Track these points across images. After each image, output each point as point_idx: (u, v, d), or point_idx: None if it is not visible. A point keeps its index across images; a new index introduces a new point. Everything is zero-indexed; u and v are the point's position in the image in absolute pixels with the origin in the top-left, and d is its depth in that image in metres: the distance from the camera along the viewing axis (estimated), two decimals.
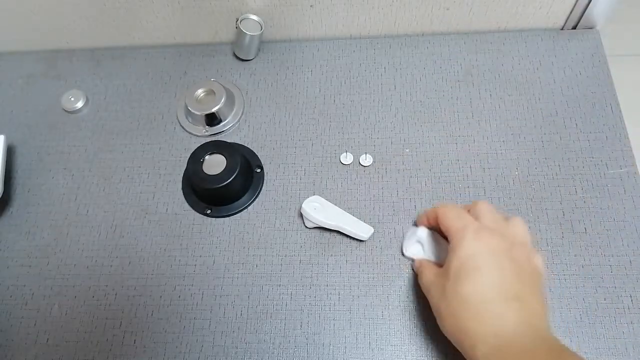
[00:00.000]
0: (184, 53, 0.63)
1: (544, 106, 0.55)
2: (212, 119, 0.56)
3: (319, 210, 0.49)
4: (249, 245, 0.50)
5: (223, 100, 0.55)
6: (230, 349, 0.46)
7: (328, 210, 0.49)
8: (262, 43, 0.62)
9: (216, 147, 0.51)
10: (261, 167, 0.54)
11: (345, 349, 0.45)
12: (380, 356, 0.45)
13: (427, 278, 0.42)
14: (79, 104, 0.60)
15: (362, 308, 0.47)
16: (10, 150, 0.58)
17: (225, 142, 0.51)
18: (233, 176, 0.49)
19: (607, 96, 0.55)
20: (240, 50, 0.60)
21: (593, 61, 0.57)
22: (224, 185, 0.49)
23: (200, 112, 0.55)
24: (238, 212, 0.52)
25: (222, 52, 0.62)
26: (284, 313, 0.47)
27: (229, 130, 0.57)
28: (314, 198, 0.50)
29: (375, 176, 0.53)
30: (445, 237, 0.43)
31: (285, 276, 0.49)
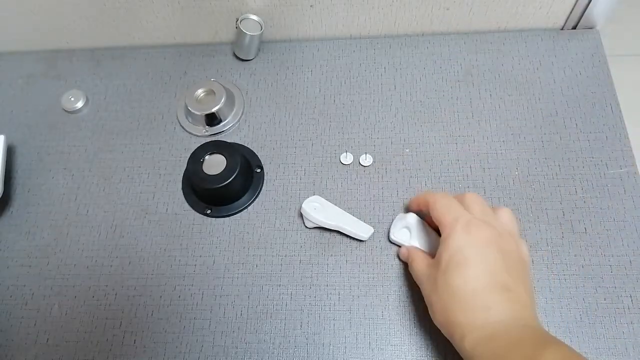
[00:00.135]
0: (184, 53, 0.63)
1: (544, 106, 0.55)
2: (212, 119, 0.56)
3: (319, 210, 0.49)
4: (249, 245, 0.50)
5: (223, 100, 0.55)
6: (230, 349, 0.46)
7: (328, 210, 0.49)
8: (262, 43, 0.62)
9: (216, 147, 0.51)
10: (261, 167, 0.54)
11: (345, 349, 0.45)
12: (380, 356, 0.45)
13: (420, 268, 0.43)
14: (79, 104, 0.60)
15: (362, 308, 0.47)
16: (10, 150, 0.58)
17: (225, 142, 0.51)
18: (233, 176, 0.49)
19: (607, 96, 0.55)
20: (240, 50, 0.60)
21: (593, 61, 0.57)
22: (224, 185, 0.49)
23: (200, 112, 0.55)
24: (238, 212, 0.52)
25: (222, 52, 0.62)
26: (284, 313, 0.47)
27: (229, 130, 0.57)
28: (314, 198, 0.50)
29: (375, 176, 0.53)
30: (433, 224, 0.44)
31: (285, 276, 0.49)
